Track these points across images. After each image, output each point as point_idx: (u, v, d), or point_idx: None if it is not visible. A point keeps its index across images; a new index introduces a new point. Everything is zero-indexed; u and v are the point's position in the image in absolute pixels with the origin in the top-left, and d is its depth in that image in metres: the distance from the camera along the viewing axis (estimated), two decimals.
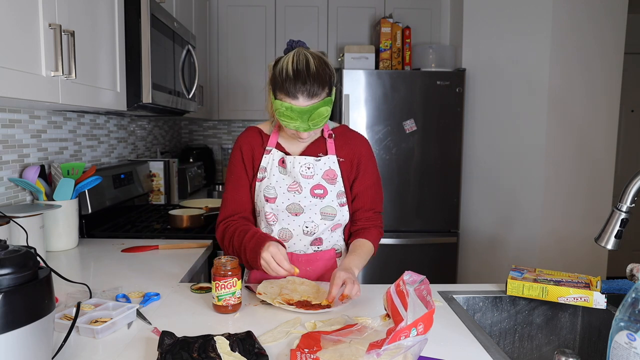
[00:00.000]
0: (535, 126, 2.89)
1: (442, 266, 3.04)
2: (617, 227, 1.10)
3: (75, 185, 1.72)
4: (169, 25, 2.03)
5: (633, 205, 1.08)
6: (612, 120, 2.90)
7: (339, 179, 1.38)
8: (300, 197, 1.35)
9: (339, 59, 3.22)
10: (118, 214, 2.21)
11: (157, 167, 2.74)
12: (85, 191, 1.89)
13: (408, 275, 0.92)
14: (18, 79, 1.10)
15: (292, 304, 1.18)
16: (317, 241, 1.40)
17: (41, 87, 1.20)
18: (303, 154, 1.38)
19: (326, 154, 1.38)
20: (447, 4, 3.38)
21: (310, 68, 1.21)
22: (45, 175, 1.74)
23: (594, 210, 2.90)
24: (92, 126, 2.23)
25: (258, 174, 1.38)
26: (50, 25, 1.22)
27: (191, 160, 3.55)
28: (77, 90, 1.38)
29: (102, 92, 1.57)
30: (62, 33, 1.26)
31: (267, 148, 1.38)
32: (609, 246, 1.11)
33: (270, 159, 1.37)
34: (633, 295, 0.83)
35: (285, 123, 1.25)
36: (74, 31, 1.31)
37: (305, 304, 1.19)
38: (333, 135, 1.40)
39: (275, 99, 1.25)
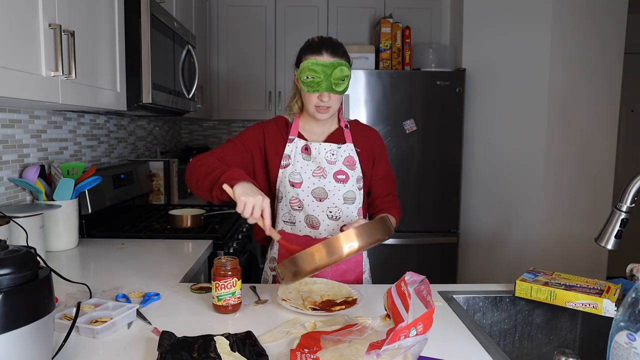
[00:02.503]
0: (535, 126, 2.89)
1: (442, 266, 3.04)
2: (617, 227, 1.10)
3: (75, 185, 1.72)
4: (169, 25, 2.03)
5: (633, 205, 1.08)
6: (612, 120, 2.90)
7: (357, 165, 1.48)
8: (325, 182, 1.44)
9: None
10: (118, 214, 2.21)
11: (157, 167, 2.74)
12: (85, 191, 1.89)
13: (409, 276, 0.92)
14: (18, 79, 1.10)
15: (317, 306, 1.17)
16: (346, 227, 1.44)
17: (41, 87, 1.20)
18: (325, 142, 1.48)
19: (345, 142, 1.48)
20: (447, 4, 3.38)
21: (332, 39, 1.40)
22: (45, 175, 1.74)
23: (594, 210, 2.90)
24: (92, 126, 2.23)
25: (282, 162, 1.45)
26: (50, 25, 1.22)
27: (191, 160, 3.54)
28: (77, 90, 1.38)
29: (102, 92, 1.57)
30: (62, 33, 1.26)
31: (289, 137, 1.47)
32: (609, 246, 1.11)
33: (293, 147, 1.46)
34: (633, 295, 0.83)
35: (309, 81, 1.35)
36: (74, 31, 1.31)
37: (330, 304, 1.19)
38: (349, 126, 1.51)
39: (301, 63, 1.37)
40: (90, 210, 1.92)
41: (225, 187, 1.16)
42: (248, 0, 3.37)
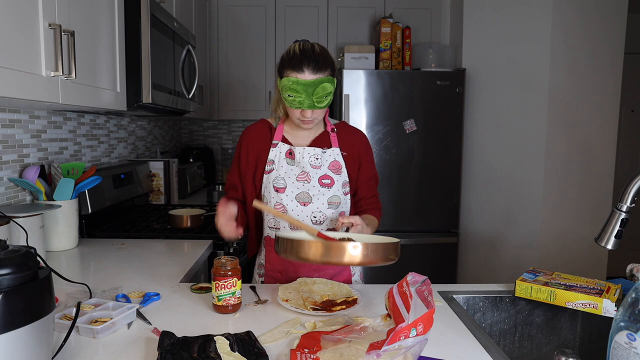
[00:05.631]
0: (535, 126, 2.89)
1: (442, 266, 3.04)
2: (617, 227, 1.10)
3: (75, 185, 1.72)
4: (169, 25, 2.03)
5: (633, 205, 1.08)
6: (612, 120, 2.90)
7: (344, 170, 1.46)
8: (309, 187, 1.42)
9: (339, 59, 3.22)
10: (118, 214, 2.21)
11: (157, 167, 2.74)
12: (85, 191, 1.89)
13: (411, 276, 0.92)
14: (18, 79, 1.10)
15: (317, 306, 1.18)
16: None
17: (41, 87, 1.20)
18: (310, 146, 1.45)
19: (330, 147, 1.46)
20: (447, 4, 3.38)
21: (315, 50, 1.33)
22: (45, 175, 1.74)
23: (594, 210, 2.90)
24: (92, 126, 2.23)
25: (266, 167, 1.44)
26: (50, 25, 1.22)
27: (191, 160, 3.55)
28: (77, 90, 1.38)
29: (102, 92, 1.57)
30: (62, 33, 1.26)
31: (273, 142, 1.45)
32: (609, 246, 1.11)
33: (277, 152, 1.44)
34: (633, 295, 0.83)
35: (290, 99, 1.32)
36: (74, 31, 1.31)
37: (330, 304, 1.19)
38: (335, 129, 1.49)
39: (282, 78, 1.33)
40: (90, 210, 1.92)
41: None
42: (248, 0, 3.37)
